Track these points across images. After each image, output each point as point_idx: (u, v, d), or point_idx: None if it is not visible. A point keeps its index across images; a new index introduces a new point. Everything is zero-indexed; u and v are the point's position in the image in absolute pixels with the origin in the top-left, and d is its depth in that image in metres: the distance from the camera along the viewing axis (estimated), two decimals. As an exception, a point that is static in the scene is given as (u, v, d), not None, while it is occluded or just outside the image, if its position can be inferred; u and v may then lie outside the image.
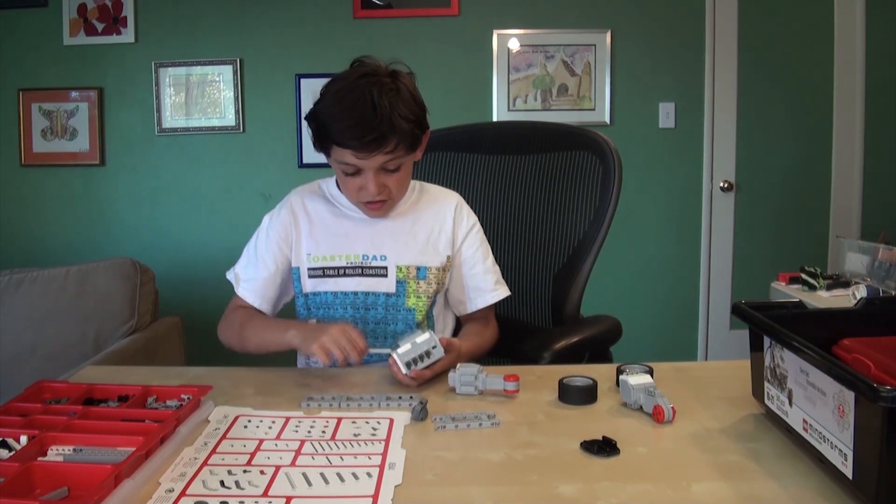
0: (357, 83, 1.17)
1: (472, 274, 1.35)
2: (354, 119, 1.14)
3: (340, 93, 1.17)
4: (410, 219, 1.32)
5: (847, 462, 0.73)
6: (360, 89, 1.15)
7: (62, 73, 3.17)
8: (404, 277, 1.29)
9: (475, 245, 1.36)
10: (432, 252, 1.31)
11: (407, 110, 1.18)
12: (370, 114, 1.14)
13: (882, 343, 0.87)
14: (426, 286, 1.29)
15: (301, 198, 1.35)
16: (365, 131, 1.14)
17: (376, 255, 1.29)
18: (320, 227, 1.32)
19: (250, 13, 3.16)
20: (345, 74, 1.21)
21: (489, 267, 1.37)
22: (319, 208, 1.33)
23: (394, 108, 1.15)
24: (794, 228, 3.32)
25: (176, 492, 0.77)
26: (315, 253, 1.30)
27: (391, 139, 1.16)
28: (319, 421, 0.97)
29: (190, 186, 3.24)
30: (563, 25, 3.18)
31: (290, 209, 1.34)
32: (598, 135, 1.58)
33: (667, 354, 3.24)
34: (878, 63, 3.20)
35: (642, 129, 3.22)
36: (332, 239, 1.30)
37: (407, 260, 1.29)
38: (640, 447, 0.88)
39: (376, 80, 1.17)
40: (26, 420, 0.89)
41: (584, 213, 1.55)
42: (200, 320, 3.06)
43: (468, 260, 1.35)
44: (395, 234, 1.30)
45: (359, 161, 1.18)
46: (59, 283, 2.23)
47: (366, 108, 1.14)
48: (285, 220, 1.32)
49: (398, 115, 1.16)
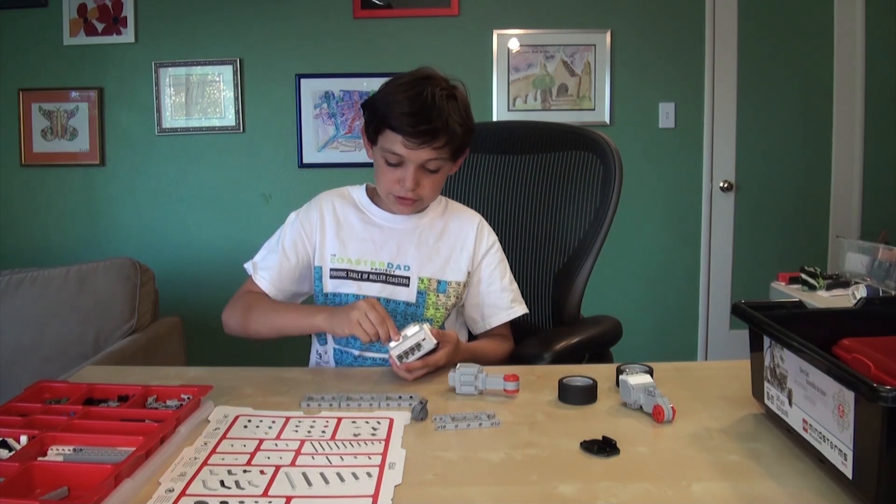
0: (420, 81, 1.24)
1: (489, 292, 1.37)
2: (415, 108, 1.20)
3: (404, 85, 1.24)
4: (435, 233, 1.35)
5: (847, 462, 0.73)
6: (421, 85, 1.23)
7: (62, 73, 3.16)
8: (425, 289, 1.32)
9: (493, 263, 1.38)
10: (454, 267, 1.35)
11: (459, 117, 1.25)
12: (428, 107, 1.21)
13: (882, 343, 0.87)
14: (444, 299, 1.33)
15: (331, 200, 1.38)
16: (421, 121, 1.20)
17: (400, 264, 1.32)
18: (348, 230, 1.35)
19: (250, 13, 3.16)
20: (408, 73, 1.29)
21: (506, 285, 1.38)
22: (349, 212, 1.36)
23: (450, 110, 1.23)
24: (794, 228, 3.32)
25: (176, 492, 0.77)
26: (340, 254, 1.32)
27: (442, 136, 1.22)
28: (319, 421, 0.97)
29: (190, 186, 3.24)
30: (563, 25, 3.18)
31: (319, 209, 1.36)
32: (598, 135, 1.58)
33: (667, 354, 3.24)
34: (878, 63, 3.20)
35: (642, 129, 3.22)
36: (359, 244, 1.33)
37: (429, 272, 1.32)
38: (640, 447, 0.88)
39: (437, 83, 1.25)
40: (26, 420, 0.89)
41: (584, 213, 1.55)
42: (200, 320, 3.07)
43: (485, 278, 1.37)
44: (419, 246, 1.34)
45: (406, 151, 1.22)
46: (59, 283, 2.22)
47: (425, 102, 1.21)
48: (312, 219, 1.35)
49: (453, 117, 1.23)
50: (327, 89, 3.18)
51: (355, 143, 3.16)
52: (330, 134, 3.19)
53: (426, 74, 1.27)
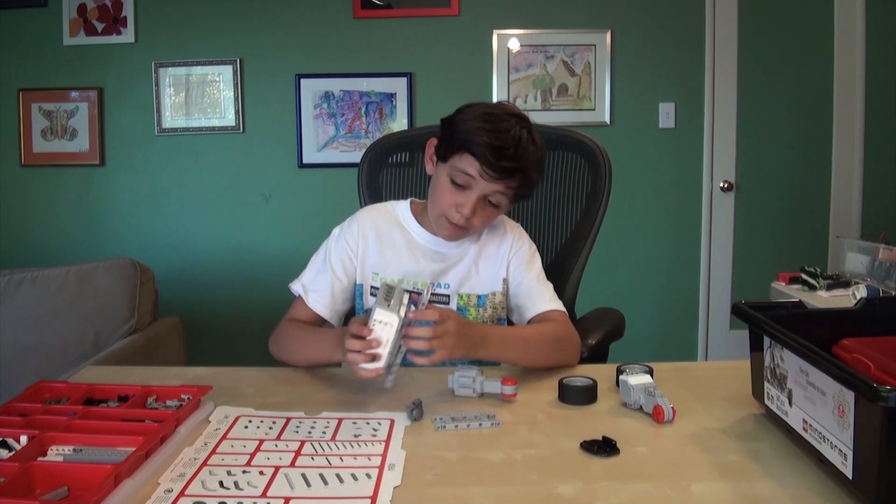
0: (509, 117, 1.22)
1: (519, 292, 1.33)
2: (501, 142, 1.18)
3: (492, 116, 1.21)
4: (475, 250, 1.33)
5: (847, 462, 0.73)
6: (510, 121, 1.21)
7: (62, 73, 3.17)
8: (465, 305, 1.31)
9: (521, 261, 1.34)
10: (493, 280, 1.33)
11: (537, 164, 1.24)
12: (514, 145, 1.19)
13: (882, 343, 0.87)
14: (483, 312, 1.31)
15: (372, 216, 1.36)
16: (505, 157, 1.18)
17: (441, 282, 1.31)
18: (390, 247, 1.32)
19: (250, 13, 3.16)
20: (495, 104, 1.26)
21: (537, 279, 1.33)
22: (392, 229, 1.34)
23: (531, 156, 1.21)
24: (794, 228, 3.32)
25: (175, 492, 0.77)
26: (383, 273, 1.31)
27: (517, 177, 1.21)
28: (320, 421, 0.97)
29: (190, 186, 3.24)
30: (563, 25, 3.18)
31: (360, 225, 1.34)
32: (586, 137, 1.59)
33: (667, 354, 3.24)
34: (878, 63, 3.20)
35: (642, 129, 3.22)
36: (400, 262, 1.31)
37: (468, 289, 1.32)
38: (640, 447, 0.88)
39: (524, 125, 1.23)
40: (26, 420, 0.89)
41: (570, 214, 1.57)
42: (200, 320, 3.08)
43: (514, 278, 1.33)
44: (460, 264, 1.32)
45: (478, 178, 1.20)
46: (59, 283, 2.22)
47: (513, 140, 1.19)
48: (355, 234, 1.33)
49: (532, 162, 1.22)
50: (327, 89, 3.18)
51: (355, 143, 3.16)
52: (330, 134, 3.19)
53: (513, 111, 1.24)
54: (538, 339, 1.22)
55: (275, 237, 3.22)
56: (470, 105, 1.26)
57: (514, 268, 1.34)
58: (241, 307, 3.17)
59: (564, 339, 1.24)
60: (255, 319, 2.97)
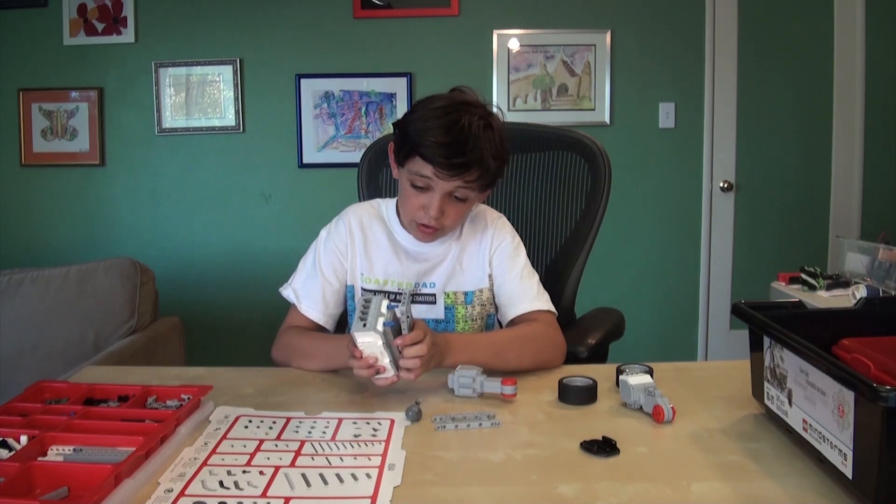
0: (457, 107, 1.18)
1: (508, 281, 1.30)
2: (448, 138, 1.15)
3: (439, 110, 1.18)
4: (458, 248, 1.32)
5: (847, 462, 0.73)
6: (458, 113, 1.17)
7: (62, 73, 3.16)
8: (452, 303, 1.30)
9: (503, 256, 1.31)
10: (479, 276, 1.32)
11: (494, 149, 1.19)
12: (464, 138, 1.15)
13: (882, 343, 0.87)
14: (471, 310, 1.31)
15: (358, 215, 1.35)
16: (454, 153, 1.15)
17: (426, 282, 1.30)
18: (374, 246, 1.32)
19: (250, 13, 3.16)
20: (444, 95, 1.23)
21: (521, 276, 1.30)
22: (375, 227, 1.33)
23: (486, 142, 1.17)
24: (794, 228, 3.32)
25: (175, 492, 0.77)
26: (369, 274, 1.30)
27: (474, 170, 1.18)
28: (320, 421, 0.97)
29: (190, 186, 3.24)
30: (563, 25, 3.18)
31: (347, 225, 1.33)
32: (585, 136, 1.59)
33: (667, 354, 3.24)
34: (878, 63, 3.20)
35: (642, 129, 3.22)
36: (385, 263, 1.30)
37: (454, 286, 1.31)
38: (640, 447, 0.88)
39: (476, 111, 1.18)
40: (26, 420, 0.89)
41: (570, 214, 1.56)
42: (200, 320, 3.08)
43: (498, 274, 1.31)
44: (443, 263, 1.31)
45: (435, 179, 1.18)
46: (59, 283, 2.23)
47: (461, 132, 1.15)
48: (343, 235, 1.32)
49: (488, 150, 1.17)
50: (327, 89, 3.18)
51: (355, 143, 3.16)
52: (330, 134, 3.19)
53: (463, 100, 1.20)
54: (509, 342, 1.20)
55: (275, 237, 3.22)
56: (421, 101, 1.23)
57: (496, 264, 1.32)
58: (241, 307, 3.17)
59: (541, 339, 1.21)
60: (255, 319, 2.98)
